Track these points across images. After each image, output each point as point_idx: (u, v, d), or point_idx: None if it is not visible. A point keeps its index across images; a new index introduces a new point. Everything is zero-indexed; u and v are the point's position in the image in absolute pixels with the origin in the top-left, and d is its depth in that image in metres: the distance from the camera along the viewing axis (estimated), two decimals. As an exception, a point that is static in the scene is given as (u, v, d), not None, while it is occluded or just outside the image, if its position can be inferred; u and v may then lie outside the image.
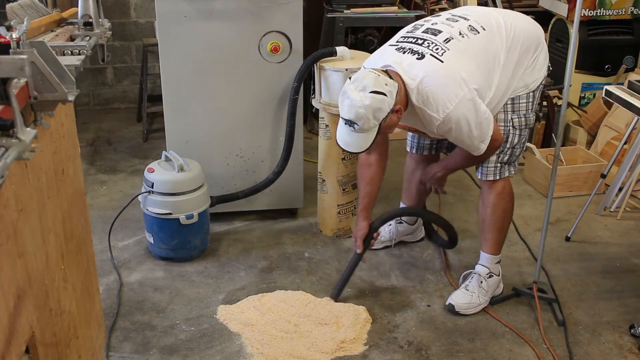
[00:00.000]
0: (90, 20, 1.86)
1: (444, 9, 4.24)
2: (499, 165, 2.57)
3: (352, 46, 3.87)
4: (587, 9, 4.04)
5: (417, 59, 2.35)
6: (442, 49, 2.35)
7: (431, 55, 2.34)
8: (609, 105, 3.95)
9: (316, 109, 3.15)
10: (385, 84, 2.26)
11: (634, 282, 2.89)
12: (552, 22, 4.36)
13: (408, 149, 2.94)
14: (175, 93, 3.07)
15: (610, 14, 4.08)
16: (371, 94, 2.24)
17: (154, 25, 3.54)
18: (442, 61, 2.33)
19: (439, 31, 2.43)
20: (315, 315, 2.59)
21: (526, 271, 2.96)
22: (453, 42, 2.38)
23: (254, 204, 3.32)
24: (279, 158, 3.19)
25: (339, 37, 3.87)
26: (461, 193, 3.70)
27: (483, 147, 2.43)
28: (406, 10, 4.05)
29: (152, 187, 2.86)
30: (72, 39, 1.80)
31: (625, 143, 3.33)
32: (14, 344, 1.24)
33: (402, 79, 2.33)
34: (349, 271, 2.75)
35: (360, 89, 2.25)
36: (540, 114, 4.01)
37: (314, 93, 3.16)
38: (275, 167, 3.20)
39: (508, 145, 2.54)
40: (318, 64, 3.02)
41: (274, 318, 2.57)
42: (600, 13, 4.07)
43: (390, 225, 3.11)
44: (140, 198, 2.95)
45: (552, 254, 3.09)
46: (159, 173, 2.89)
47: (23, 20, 1.30)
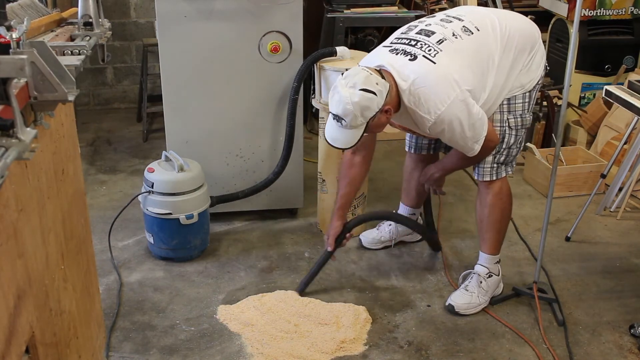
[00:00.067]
0: (90, 20, 1.86)
1: (443, 9, 4.23)
2: (495, 165, 2.57)
3: (352, 46, 3.87)
4: (587, 9, 4.04)
5: (410, 60, 2.34)
6: (435, 50, 2.35)
7: (423, 56, 2.34)
8: (609, 105, 3.95)
9: (316, 109, 3.16)
10: (376, 83, 2.26)
11: (634, 282, 2.89)
12: (552, 22, 4.36)
13: (407, 149, 2.94)
14: (175, 93, 3.07)
15: (610, 14, 4.08)
16: (361, 91, 2.24)
17: (154, 25, 3.54)
18: (435, 62, 2.33)
19: (432, 32, 2.42)
20: (315, 315, 2.59)
21: (526, 271, 2.96)
22: (446, 43, 2.38)
23: (254, 204, 3.32)
24: (279, 158, 3.19)
25: (339, 37, 3.87)
26: (461, 193, 3.70)
27: (477, 148, 2.42)
28: (406, 10, 4.05)
29: (152, 187, 2.86)
30: (72, 39, 1.80)
31: (625, 143, 3.33)
32: (14, 344, 1.24)
33: (395, 80, 2.34)
34: (317, 267, 2.77)
35: (351, 86, 2.25)
36: (540, 114, 4.02)
37: (314, 93, 3.16)
38: (275, 167, 3.20)
39: (504, 146, 2.54)
40: (318, 64, 3.02)
41: (274, 318, 2.57)
42: (600, 13, 4.07)
43: (390, 225, 3.11)
44: (140, 198, 2.95)
45: (552, 254, 3.09)
46: (159, 173, 2.89)
47: (23, 20, 1.30)
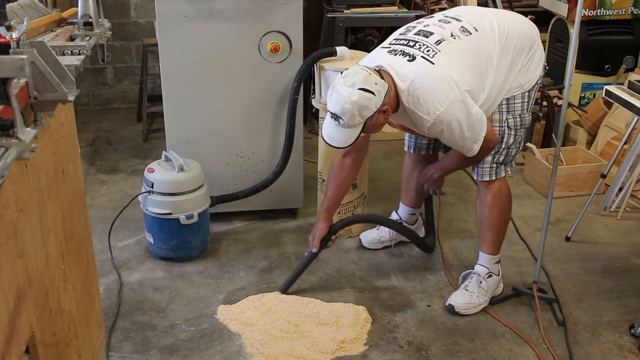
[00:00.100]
0: (90, 20, 1.86)
1: (443, 9, 4.23)
2: (494, 165, 2.57)
3: (352, 46, 3.87)
4: (587, 9, 4.04)
5: (408, 60, 2.35)
6: (434, 51, 2.35)
7: (422, 57, 2.34)
8: (609, 105, 3.95)
9: (316, 109, 3.16)
10: (375, 83, 2.26)
11: (634, 282, 2.89)
12: (552, 22, 4.36)
13: (405, 149, 2.93)
14: (175, 93, 3.07)
15: (610, 14, 4.08)
16: (359, 90, 2.24)
17: (154, 25, 3.54)
18: (433, 63, 2.33)
19: (431, 33, 2.42)
20: (315, 315, 2.59)
21: (526, 271, 2.96)
22: (444, 44, 2.38)
23: (254, 204, 3.32)
24: (279, 158, 3.19)
25: (339, 37, 3.87)
26: (461, 193, 3.70)
27: (476, 148, 2.42)
28: (406, 10, 4.06)
29: (152, 187, 2.86)
30: (72, 39, 1.80)
31: (625, 143, 3.33)
32: (14, 344, 1.24)
33: (393, 80, 2.34)
34: (301, 268, 2.77)
35: (350, 85, 2.25)
36: (540, 114, 4.02)
37: (314, 93, 3.16)
38: (275, 167, 3.20)
39: (503, 146, 2.54)
40: (318, 64, 3.02)
41: (274, 318, 2.57)
42: (600, 13, 4.07)
43: (390, 225, 3.11)
44: (140, 198, 2.95)
45: (552, 254, 3.09)
46: (159, 173, 2.89)
47: (23, 20, 1.30)
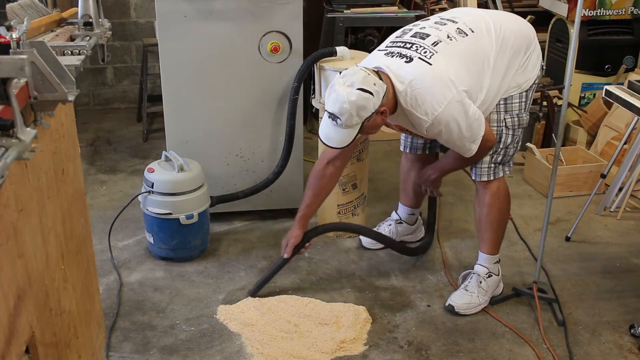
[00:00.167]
0: (90, 20, 1.86)
1: (444, 9, 4.24)
2: (492, 165, 2.57)
3: (352, 46, 3.87)
4: (587, 9, 4.04)
5: (406, 62, 2.35)
6: (431, 52, 2.36)
7: (419, 58, 2.35)
8: (609, 105, 3.95)
9: (316, 109, 3.16)
10: (374, 84, 2.27)
11: (634, 282, 2.89)
12: (552, 22, 4.36)
13: (402, 149, 2.93)
14: (175, 93, 3.07)
15: (610, 14, 4.08)
16: (358, 90, 2.24)
17: (154, 25, 3.54)
18: (431, 64, 2.33)
19: (427, 35, 2.43)
20: (315, 315, 2.59)
21: (526, 271, 2.96)
22: (441, 45, 2.38)
23: (254, 204, 3.32)
24: (279, 158, 3.19)
25: (339, 37, 3.87)
26: (461, 193, 3.70)
27: (474, 148, 2.42)
28: (406, 10, 4.06)
29: (152, 187, 2.86)
30: (72, 39, 1.80)
31: (625, 143, 3.33)
32: (14, 344, 1.24)
33: (391, 82, 2.34)
34: (271, 273, 2.72)
35: (348, 85, 2.26)
36: (540, 114, 4.02)
37: (314, 93, 3.16)
38: (275, 167, 3.20)
39: (501, 146, 2.54)
40: (318, 64, 3.02)
41: (274, 318, 2.57)
42: (600, 13, 4.07)
43: (390, 225, 3.11)
44: (140, 198, 2.95)
45: (552, 254, 3.09)
46: (159, 173, 2.89)
47: (23, 20, 1.30)
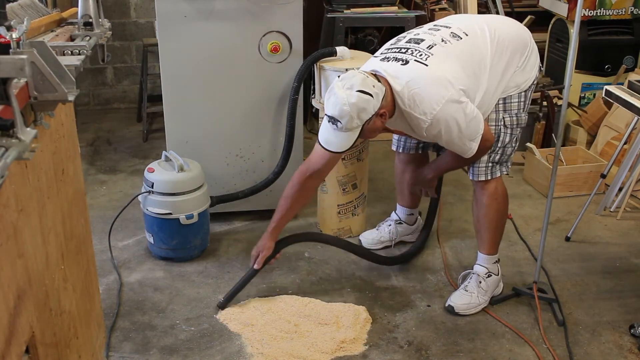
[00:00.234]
0: (90, 20, 1.87)
1: (443, 9, 4.25)
2: (490, 165, 2.57)
3: (352, 46, 3.87)
4: (587, 9, 4.04)
5: (402, 65, 2.37)
6: (426, 55, 2.37)
7: (415, 60, 2.36)
8: (609, 105, 3.95)
9: (316, 109, 3.16)
10: (373, 86, 2.28)
11: (634, 282, 2.89)
12: (552, 22, 4.36)
13: (394, 149, 2.92)
14: (175, 93, 3.07)
15: (610, 14, 4.08)
16: (358, 92, 2.24)
17: (154, 25, 3.54)
18: (427, 65, 2.35)
19: (422, 39, 2.45)
20: (315, 315, 2.59)
21: (526, 271, 2.96)
22: (436, 48, 2.40)
23: (254, 204, 3.32)
24: (279, 158, 3.19)
25: (339, 37, 3.87)
26: (461, 193, 3.70)
27: (474, 147, 2.42)
28: (406, 10, 4.06)
29: (152, 187, 2.86)
30: (72, 39, 1.80)
31: (625, 143, 3.33)
32: (14, 344, 1.24)
33: (389, 84, 2.35)
34: (241, 284, 2.68)
35: (348, 87, 2.26)
36: (540, 114, 4.02)
37: (314, 93, 3.16)
38: (275, 167, 3.20)
39: (499, 145, 2.54)
40: (318, 64, 3.02)
41: (274, 318, 2.57)
42: (600, 13, 4.07)
43: (390, 225, 3.11)
44: (140, 198, 2.95)
45: (552, 254, 3.09)
46: (159, 173, 2.89)
47: (23, 20, 1.30)
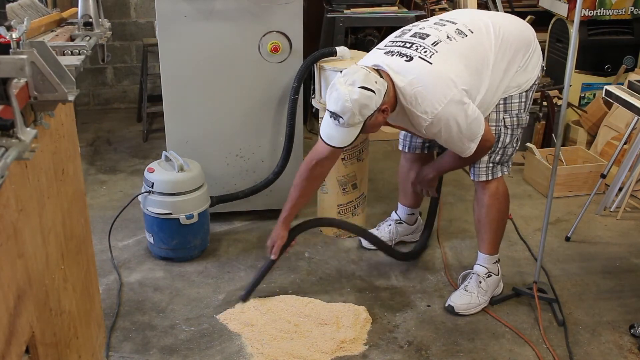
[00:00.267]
0: (90, 20, 1.87)
1: (443, 9, 4.25)
2: (491, 165, 2.57)
3: (352, 46, 3.87)
4: (587, 9, 4.04)
5: (406, 61, 2.36)
6: (431, 52, 2.36)
7: (419, 57, 2.35)
8: (609, 105, 3.95)
9: (316, 109, 3.16)
10: (375, 82, 2.27)
11: (634, 282, 2.89)
12: (552, 22, 4.36)
13: (400, 148, 2.93)
14: (175, 93, 3.07)
15: (610, 14, 4.08)
16: (360, 89, 2.24)
17: (154, 25, 3.54)
18: (431, 63, 2.34)
19: (427, 35, 2.44)
20: (315, 315, 2.59)
21: (526, 271, 2.96)
22: (441, 45, 2.39)
23: (254, 204, 3.32)
24: (279, 158, 3.19)
25: (339, 37, 3.87)
26: (461, 193, 3.70)
27: (473, 147, 2.42)
28: (406, 10, 4.06)
29: (152, 187, 2.86)
30: (72, 39, 1.80)
31: (625, 143, 3.33)
32: (14, 344, 1.24)
33: (392, 80, 2.34)
34: (260, 275, 2.70)
35: (350, 83, 2.26)
36: (540, 114, 4.02)
37: (314, 93, 3.16)
38: (275, 167, 3.20)
39: (500, 145, 2.54)
40: (318, 64, 3.02)
41: (274, 318, 2.57)
42: (600, 13, 4.07)
43: (390, 225, 3.11)
44: (140, 198, 2.95)
45: (552, 254, 3.09)
46: (159, 173, 2.89)
47: (23, 20, 1.30)
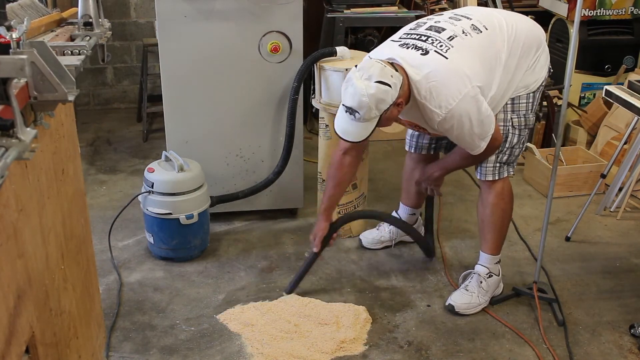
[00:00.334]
0: (90, 20, 1.87)
1: (443, 9, 4.24)
2: (498, 165, 2.57)
3: (352, 46, 3.87)
4: (587, 9, 4.04)
5: (422, 54, 2.35)
6: (446, 46, 2.36)
7: (435, 51, 2.35)
8: (609, 105, 3.95)
9: (316, 109, 3.15)
10: (391, 76, 2.26)
11: (634, 282, 2.89)
12: (552, 22, 4.36)
13: (407, 148, 2.93)
14: (175, 93, 3.07)
15: (610, 14, 4.08)
16: (376, 83, 2.23)
17: (154, 25, 3.54)
18: (447, 58, 2.33)
19: (443, 29, 2.43)
20: (315, 315, 2.59)
21: (526, 271, 2.96)
22: (457, 40, 2.38)
23: (254, 204, 3.32)
24: (279, 158, 3.19)
25: (339, 37, 3.87)
26: (461, 193, 3.70)
27: (483, 145, 2.42)
28: (406, 10, 4.06)
29: (152, 187, 2.86)
30: (72, 39, 1.80)
31: (625, 143, 3.33)
32: (14, 344, 1.24)
33: (407, 73, 2.33)
34: (304, 269, 2.75)
35: (366, 78, 2.24)
36: (540, 114, 4.01)
37: (314, 93, 3.16)
38: (275, 167, 3.20)
39: (507, 145, 2.54)
40: (318, 64, 3.02)
41: (274, 318, 2.57)
42: (600, 13, 4.07)
43: (390, 225, 3.11)
44: (140, 198, 2.95)
45: (552, 254, 3.09)
46: (159, 173, 2.89)
47: (23, 20, 1.30)
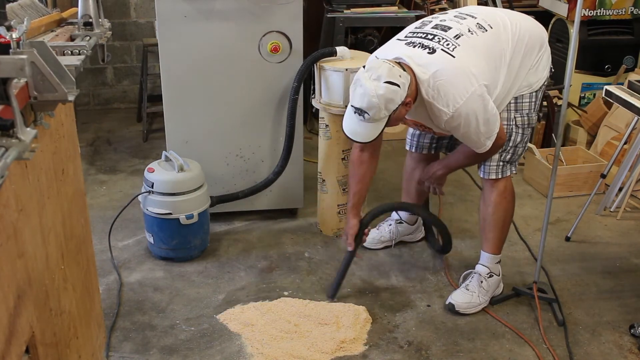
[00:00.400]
0: (90, 20, 1.87)
1: (443, 9, 4.24)
2: (501, 163, 2.57)
3: (352, 46, 3.87)
4: (587, 9, 4.04)
5: (429, 53, 2.35)
6: (453, 45, 2.36)
7: (442, 50, 2.35)
8: (609, 105, 3.95)
9: (316, 109, 3.15)
10: (400, 76, 2.26)
11: (634, 282, 2.89)
12: (552, 22, 4.36)
13: (407, 148, 2.93)
14: (175, 93, 3.07)
15: (610, 14, 4.08)
16: (385, 84, 2.23)
17: (154, 25, 3.54)
18: (454, 56, 2.33)
19: (449, 27, 2.44)
20: (315, 315, 2.59)
21: (526, 271, 2.96)
22: (463, 39, 2.39)
23: (254, 204, 3.32)
24: (279, 158, 3.19)
25: (339, 37, 3.87)
26: (461, 193, 3.70)
27: (489, 144, 2.43)
28: (406, 10, 4.05)
29: (152, 187, 2.86)
30: (72, 39, 1.80)
31: (625, 143, 3.33)
32: (14, 344, 1.24)
33: (414, 72, 2.34)
34: (344, 269, 2.74)
35: (375, 78, 2.25)
36: (540, 114, 4.00)
37: (314, 93, 3.16)
38: (275, 167, 3.20)
39: (511, 144, 2.55)
40: (318, 64, 3.02)
41: (274, 318, 2.57)
42: (600, 13, 4.07)
43: (390, 225, 3.11)
44: (140, 198, 2.95)
45: (552, 254, 3.09)
46: (159, 173, 2.89)
47: (23, 20, 1.30)
